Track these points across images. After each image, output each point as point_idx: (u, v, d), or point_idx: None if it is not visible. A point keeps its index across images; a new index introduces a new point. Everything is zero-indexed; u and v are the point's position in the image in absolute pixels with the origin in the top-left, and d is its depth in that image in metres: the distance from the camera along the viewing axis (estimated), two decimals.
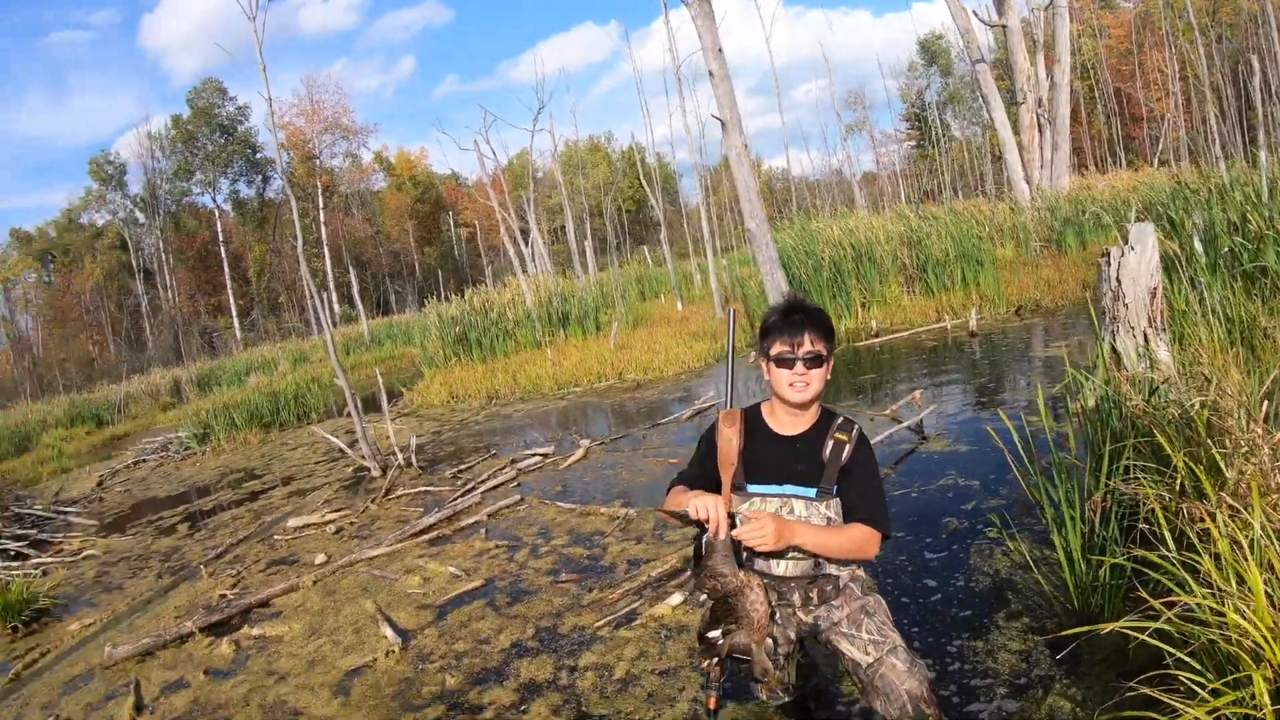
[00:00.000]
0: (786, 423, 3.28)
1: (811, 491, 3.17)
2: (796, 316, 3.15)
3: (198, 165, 66.18)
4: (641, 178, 39.42)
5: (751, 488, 3.23)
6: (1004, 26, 24.11)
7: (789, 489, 3.19)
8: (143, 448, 20.50)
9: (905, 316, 14.88)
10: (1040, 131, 23.92)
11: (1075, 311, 12.37)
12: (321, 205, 60.43)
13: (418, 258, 74.76)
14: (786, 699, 3.71)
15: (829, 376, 3.23)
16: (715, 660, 3.04)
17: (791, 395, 3.17)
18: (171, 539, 10.33)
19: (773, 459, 3.24)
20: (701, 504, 3.01)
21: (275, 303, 66.38)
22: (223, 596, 7.34)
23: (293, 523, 9.29)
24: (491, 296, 22.40)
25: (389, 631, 5.52)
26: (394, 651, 5.27)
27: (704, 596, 3.11)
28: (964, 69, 62.65)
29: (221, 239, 65.06)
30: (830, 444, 3.19)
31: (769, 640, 3.07)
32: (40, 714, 5.80)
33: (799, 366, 3.12)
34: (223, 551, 8.98)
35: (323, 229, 56.67)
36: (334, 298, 59.11)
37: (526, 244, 33.12)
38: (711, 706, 3.08)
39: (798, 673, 3.66)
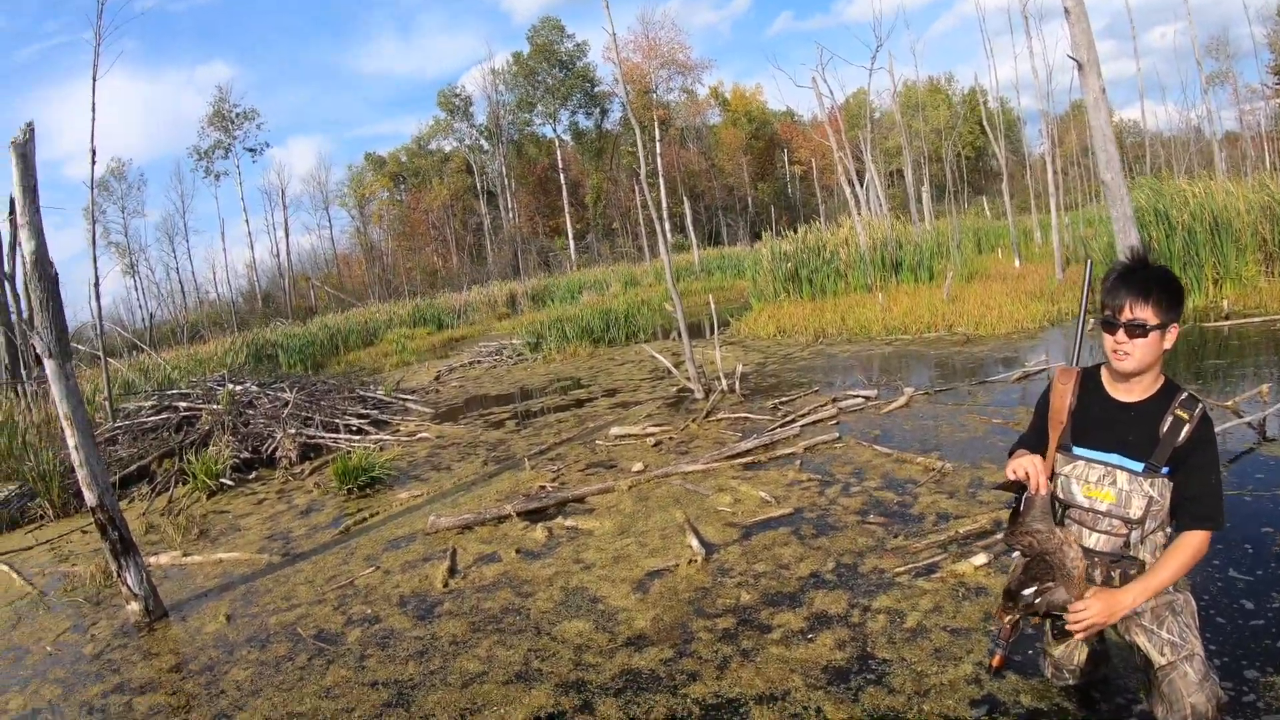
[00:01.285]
0: (1122, 388, 3.06)
1: (1139, 466, 2.96)
2: (1132, 278, 2.92)
3: (538, 98, 69.17)
4: (984, 122, 37.72)
5: (1078, 450, 3.08)
6: None
7: (1116, 458, 3.00)
8: (478, 350, 21.91)
9: (1260, 300, 13.29)
10: None
11: None
12: (658, 137, 61.59)
13: (750, 193, 74.88)
14: (1072, 682, 3.60)
15: (1169, 348, 2.96)
16: (1018, 618, 3.03)
17: (1113, 362, 2.99)
18: (499, 432, 11.11)
19: (1104, 423, 3.06)
20: (1018, 464, 2.99)
21: (609, 228, 68.63)
22: (542, 488, 7.88)
23: (614, 431, 9.76)
24: (825, 236, 22.30)
25: (694, 542, 5.75)
26: (696, 561, 5.50)
27: (1017, 553, 3.07)
28: None
29: (561, 166, 67.91)
30: (1170, 419, 2.93)
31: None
32: (364, 563, 6.57)
33: (1120, 334, 2.90)
34: (546, 449, 9.61)
35: (658, 160, 57.62)
36: (667, 226, 60.37)
37: (862, 185, 32.61)
38: (995, 664, 3.13)
39: (1088, 658, 3.52)
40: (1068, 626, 2.90)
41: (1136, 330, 2.88)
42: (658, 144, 58.25)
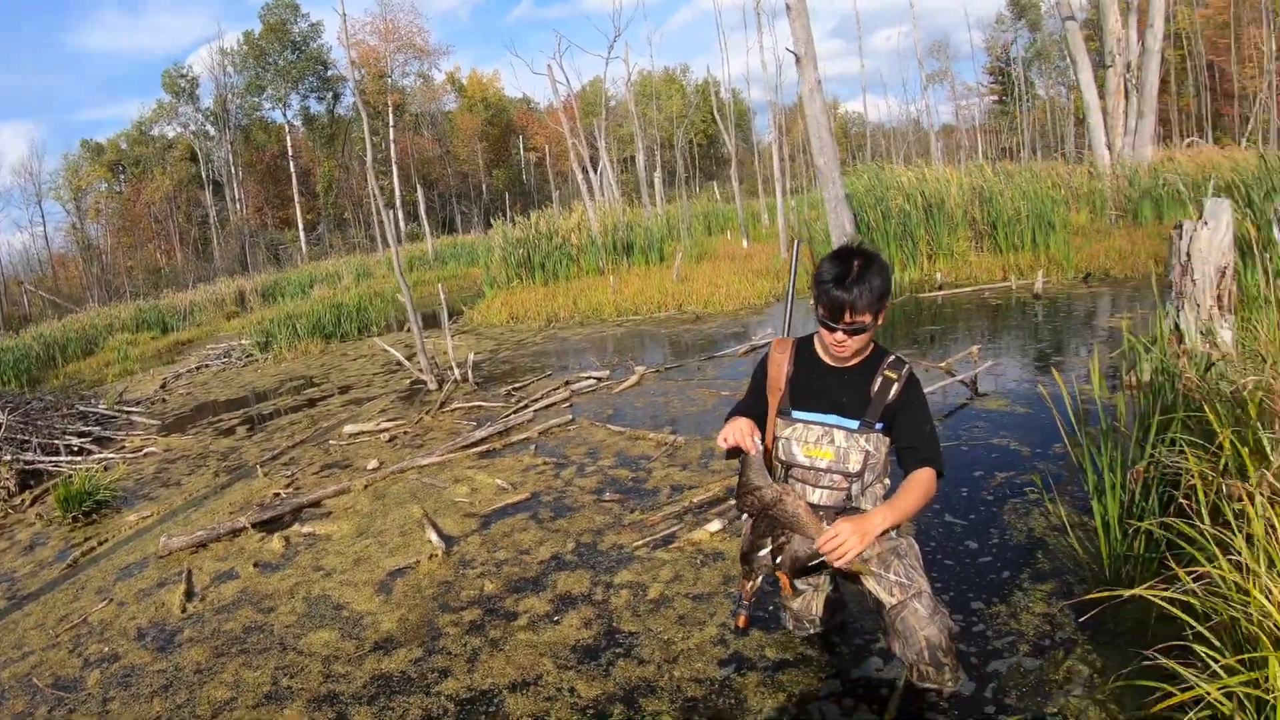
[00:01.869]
0: (836, 358, 3.25)
1: (854, 424, 3.17)
2: (847, 287, 2.98)
3: (269, 81, 65.97)
4: (715, 112, 38.97)
5: (797, 414, 3.26)
6: None
7: (833, 419, 3.20)
8: (206, 353, 20.82)
9: (970, 272, 14.74)
10: (1126, 98, 23.26)
11: (1143, 285, 12.07)
12: (391, 123, 60.20)
13: (485, 180, 74.43)
14: (813, 631, 3.82)
15: (881, 324, 3.13)
16: (759, 580, 3.16)
17: (834, 353, 3.16)
18: (230, 440, 10.60)
19: (820, 388, 3.24)
20: (726, 431, 3.11)
21: (341, 218, 66.40)
22: (276, 495, 7.56)
23: (348, 429, 9.49)
24: (557, 221, 22.43)
25: (434, 536, 5.68)
26: (437, 555, 5.44)
27: (745, 516, 3.18)
28: (1053, 25, 60.62)
29: (291, 154, 65.10)
30: (879, 380, 3.17)
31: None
32: (96, 597, 6.04)
33: (839, 334, 3.07)
34: (279, 453, 9.22)
35: (392, 147, 56.38)
36: (400, 215, 59.11)
37: (595, 172, 33.00)
38: (740, 625, 3.19)
39: (825, 607, 3.75)
40: (837, 563, 2.96)
41: (855, 331, 3.04)
42: (391, 130, 57.15)
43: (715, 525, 5.14)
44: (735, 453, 3.16)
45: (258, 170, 66.93)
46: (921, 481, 3.08)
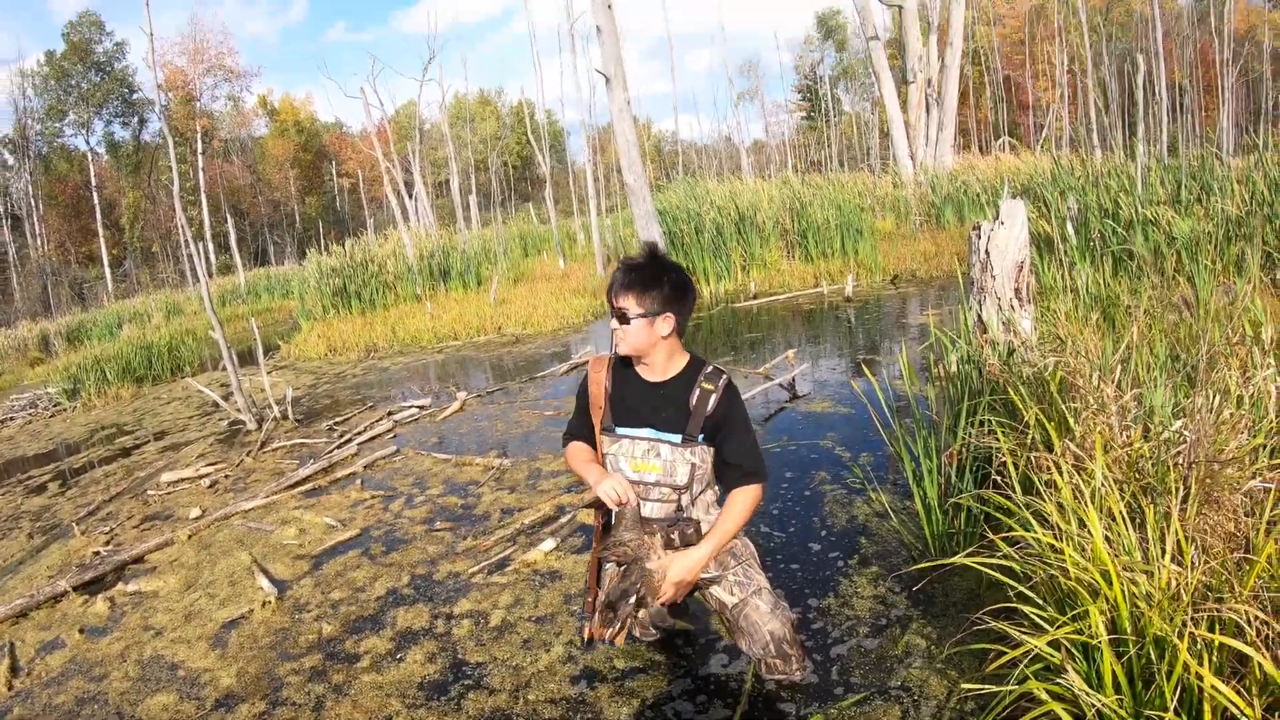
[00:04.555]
0: (648, 370, 3.30)
1: (677, 438, 3.22)
2: (621, 274, 3.16)
3: (71, 105, 61.65)
4: (529, 134, 39.05)
5: (620, 430, 3.30)
6: (900, 7, 24.66)
7: (655, 434, 3.25)
8: (10, 405, 19.63)
9: (784, 280, 15.37)
10: (927, 111, 24.71)
11: (949, 284, 12.84)
12: (200, 150, 57.66)
13: (298, 208, 72.37)
14: (658, 637, 3.91)
15: (667, 335, 3.19)
16: (620, 629, 3.15)
17: (618, 350, 3.26)
18: (42, 498, 10.00)
19: (640, 403, 3.28)
20: (609, 489, 3.13)
21: (149, 252, 63.15)
22: (96, 554, 7.13)
23: (166, 477, 9.08)
24: (372, 249, 22.12)
25: (265, 582, 5.50)
26: (270, 602, 5.25)
27: (611, 565, 3.22)
28: (859, 46, 64.19)
29: (94, 184, 60.80)
30: (697, 392, 3.20)
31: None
32: None
33: (614, 321, 3.17)
34: (95, 508, 8.74)
35: (201, 175, 53.93)
36: (210, 247, 56.53)
37: (410, 197, 32.65)
38: (602, 637, 3.21)
39: (670, 612, 3.83)
40: (671, 596, 3.12)
41: (621, 318, 3.14)
42: (200, 157, 55.04)
43: (549, 544, 5.18)
44: (599, 503, 3.26)
45: (60, 203, 62.90)
46: (742, 502, 3.18)
